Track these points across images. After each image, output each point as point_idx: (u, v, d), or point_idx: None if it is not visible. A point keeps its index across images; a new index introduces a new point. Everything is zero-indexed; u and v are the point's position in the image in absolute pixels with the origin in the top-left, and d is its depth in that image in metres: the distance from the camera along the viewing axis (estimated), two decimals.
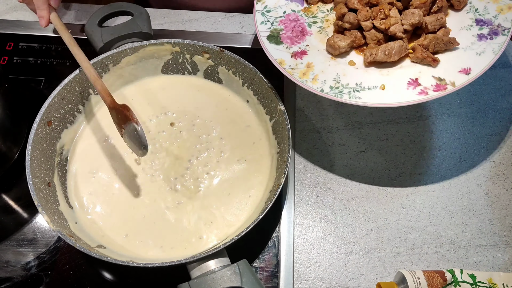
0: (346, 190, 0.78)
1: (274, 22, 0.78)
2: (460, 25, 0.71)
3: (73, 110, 0.77)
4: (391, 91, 0.68)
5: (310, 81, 0.71)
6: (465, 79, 0.65)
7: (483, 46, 0.67)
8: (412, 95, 0.67)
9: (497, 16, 0.68)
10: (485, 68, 0.65)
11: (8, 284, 0.68)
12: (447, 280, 0.66)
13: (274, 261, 0.71)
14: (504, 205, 0.77)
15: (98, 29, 0.80)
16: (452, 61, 0.68)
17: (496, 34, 0.67)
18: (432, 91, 0.66)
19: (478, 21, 0.70)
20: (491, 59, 0.65)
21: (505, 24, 0.67)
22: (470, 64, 0.66)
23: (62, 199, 0.70)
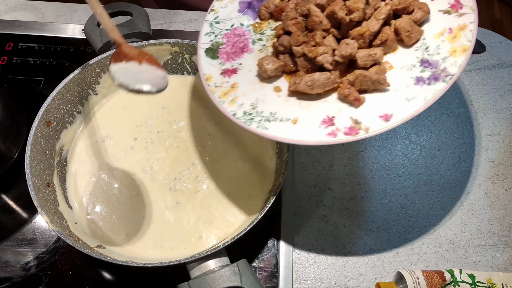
0: (346, 190, 0.78)
1: (219, 34, 0.74)
2: (403, 63, 0.62)
3: (73, 110, 0.77)
4: (301, 126, 0.62)
5: (227, 103, 0.67)
6: (381, 127, 0.58)
7: (416, 92, 0.58)
8: (320, 135, 0.60)
9: (446, 59, 0.58)
10: (407, 117, 0.57)
11: (7, 284, 0.68)
12: (446, 280, 0.66)
13: (274, 261, 0.71)
14: (503, 205, 0.78)
15: (97, 29, 0.80)
16: (377, 103, 0.60)
17: (436, 79, 0.58)
18: (342, 133, 0.59)
19: (423, 62, 0.60)
20: (417, 108, 0.57)
21: (451, 69, 0.57)
22: (394, 110, 0.58)
23: (61, 199, 0.70)
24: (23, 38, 0.93)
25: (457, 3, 0.60)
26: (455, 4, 0.60)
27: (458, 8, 0.60)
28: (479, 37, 0.96)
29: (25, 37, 0.93)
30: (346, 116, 0.61)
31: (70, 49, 0.92)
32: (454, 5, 0.60)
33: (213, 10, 0.76)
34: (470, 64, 0.93)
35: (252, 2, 0.75)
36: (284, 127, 0.63)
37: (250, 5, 0.75)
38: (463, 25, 0.59)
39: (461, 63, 0.57)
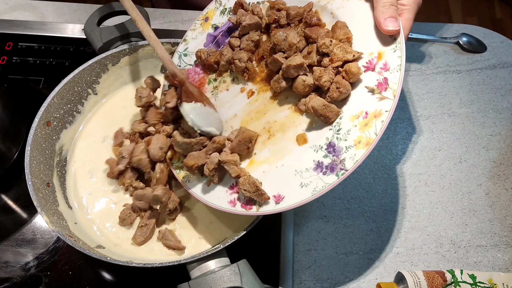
0: (347, 190, 0.78)
1: (184, 68, 0.74)
2: (316, 141, 0.60)
3: (72, 110, 0.77)
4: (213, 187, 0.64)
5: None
6: (270, 209, 0.58)
7: (311, 179, 0.57)
8: (222, 201, 0.62)
9: (349, 149, 0.56)
10: (292, 205, 0.57)
11: (7, 284, 0.68)
12: (447, 280, 0.66)
13: (274, 261, 0.71)
14: (504, 205, 0.77)
15: (97, 28, 0.80)
16: (278, 179, 0.60)
17: (332, 170, 0.56)
18: (239, 205, 0.61)
19: (330, 146, 0.58)
20: (304, 198, 0.57)
21: (347, 163, 0.55)
22: (286, 193, 0.58)
23: (61, 199, 0.70)
24: (23, 38, 0.93)
25: (384, 83, 0.56)
26: (382, 83, 0.57)
27: (383, 89, 0.56)
28: (480, 36, 0.96)
29: (25, 37, 0.93)
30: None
31: (70, 49, 0.92)
32: (381, 83, 0.57)
33: (185, 40, 0.76)
34: (471, 64, 0.93)
35: (217, 37, 0.73)
36: (201, 184, 0.65)
37: (215, 40, 0.74)
38: (379, 112, 0.56)
39: (358, 159, 0.55)
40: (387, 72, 0.56)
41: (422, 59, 0.93)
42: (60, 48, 0.92)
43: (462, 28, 0.98)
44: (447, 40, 0.95)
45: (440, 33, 0.97)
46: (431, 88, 0.90)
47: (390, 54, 0.57)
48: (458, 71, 0.92)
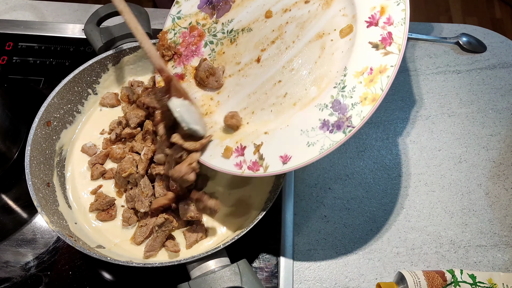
0: (346, 190, 0.78)
1: (178, 32, 0.73)
2: (320, 100, 0.60)
3: (73, 110, 0.77)
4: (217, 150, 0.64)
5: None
6: (277, 169, 0.59)
7: (318, 138, 0.57)
8: (228, 164, 0.63)
9: (355, 105, 0.56)
10: (301, 164, 0.57)
11: (7, 284, 0.68)
12: (447, 280, 0.66)
13: (274, 261, 0.71)
14: (504, 205, 0.77)
15: (98, 29, 0.80)
16: (284, 139, 0.60)
17: (338, 128, 0.56)
18: (247, 168, 0.61)
19: (336, 103, 0.58)
20: (312, 157, 0.57)
21: (354, 120, 0.56)
22: (293, 153, 0.58)
23: (61, 199, 0.70)
24: (23, 38, 0.93)
25: (388, 37, 0.57)
26: (386, 38, 0.57)
27: (387, 44, 0.57)
28: (480, 36, 0.96)
29: (25, 36, 0.93)
30: (255, 148, 0.61)
31: (70, 49, 0.92)
32: (385, 38, 0.57)
33: (178, 2, 0.74)
34: (471, 64, 0.93)
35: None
36: (208, 151, 0.65)
37: (209, 0, 0.73)
38: (384, 68, 0.56)
39: (365, 115, 0.55)
40: (391, 27, 0.56)
41: (422, 59, 0.93)
42: (60, 48, 0.92)
43: (462, 28, 0.98)
44: (447, 40, 0.95)
45: (440, 33, 0.97)
46: (431, 88, 0.90)
47: (394, 8, 0.57)
48: (458, 71, 0.92)
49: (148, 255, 0.66)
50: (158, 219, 0.65)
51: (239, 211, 0.71)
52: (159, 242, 0.66)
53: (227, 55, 0.71)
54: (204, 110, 0.69)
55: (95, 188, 0.72)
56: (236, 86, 0.69)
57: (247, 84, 0.68)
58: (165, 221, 0.64)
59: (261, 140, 0.62)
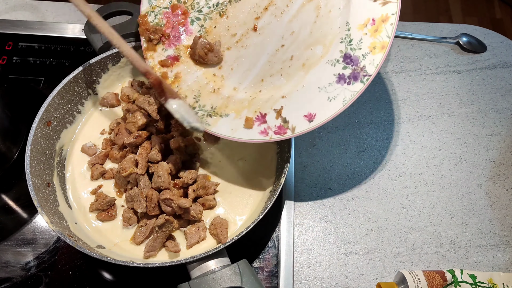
0: (346, 190, 0.78)
1: (158, 14, 0.71)
2: (329, 56, 0.62)
3: (73, 110, 0.77)
4: (239, 122, 0.64)
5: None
6: (305, 127, 0.60)
7: (337, 91, 0.60)
8: (253, 133, 0.63)
9: (366, 56, 0.59)
10: (327, 119, 0.59)
11: (7, 284, 0.68)
12: (447, 280, 0.66)
13: (274, 261, 0.71)
14: (504, 205, 0.77)
15: None
16: (304, 100, 0.62)
17: (355, 79, 0.59)
18: (273, 133, 0.62)
19: (346, 57, 0.60)
20: (336, 110, 0.59)
21: (369, 69, 0.58)
22: (317, 110, 0.60)
23: (61, 199, 0.70)
24: (23, 38, 0.93)
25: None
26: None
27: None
28: (480, 36, 0.96)
29: (25, 36, 0.93)
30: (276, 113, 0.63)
31: (70, 49, 0.92)
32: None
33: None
34: (471, 64, 0.93)
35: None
36: (224, 122, 0.65)
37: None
38: (385, 17, 0.58)
39: (378, 62, 0.58)
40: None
41: (422, 59, 0.93)
42: (60, 48, 0.92)
43: (462, 28, 0.98)
44: (447, 40, 0.95)
45: (440, 33, 0.97)
46: (431, 88, 0.90)
47: None
48: (458, 71, 0.92)
49: (148, 255, 0.66)
50: (159, 220, 0.65)
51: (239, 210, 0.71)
52: (159, 243, 0.66)
53: (219, 29, 0.70)
54: (211, 87, 0.69)
55: (95, 188, 0.72)
56: (238, 58, 0.68)
57: (248, 54, 0.67)
58: (166, 222, 0.64)
59: (280, 104, 0.63)
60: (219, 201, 0.71)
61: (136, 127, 0.72)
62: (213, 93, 0.68)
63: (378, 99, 0.88)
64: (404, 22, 0.98)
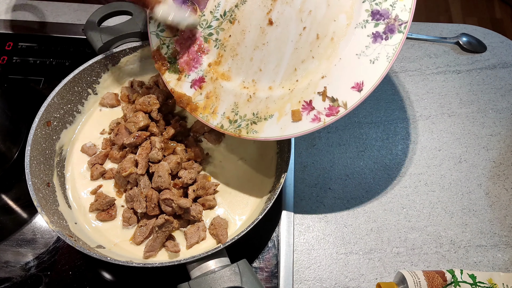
0: (346, 190, 0.78)
1: (170, 44, 0.71)
2: (356, 20, 0.59)
3: (73, 110, 0.77)
4: (287, 119, 0.63)
5: (210, 116, 0.67)
6: (357, 98, 0.58)
7: (378, 51, 0.57)
8: (304, 124, 0.61)
9: (395, 4, 0.57)
10: (377, 81, 0.57)
11: (7, 284, 0.68)
12: (447, 280, 0.66)
13: (274, 261, 0.71)
14: (504, 205, 0.77)
15: (97, 29, 0.80)
16: (346, 73, 0.60)
17: (392, 31, 0.57)
18: (325, 116, 0.60)
19: (374, 14, 0.58)
20: (384, 68, 0.56)
21: (403, 16, 0.56)
22: (363, 77, 0.58)
23: (61, 199, 0.70)
24: (23, 38, 0.93)
25: None
26: None
27: None
28: (480, 36, 0.96)
29: (25, 36, 0.93)
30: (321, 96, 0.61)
31: (70, 49, 0.92)
32: None
33: (152, 18, 0.72)
34: (471, 64, 0.93)
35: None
36: (271, 125, 0.64)
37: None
38: None
39: (410, 6, 0.56)
40: None
41: (422, 59, 0.93)
42: (60, 48, 0.92)
43: (462, 28, 0.98)
44: (447, 40, 0.95)
45: (440, 33, 0.97)
46: (431, 88, 0.90)
47: None
48: (458, 71, 0.92)
49: (148, 255, 0.66)
50: (159, 220, 0.65)
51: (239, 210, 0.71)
52: (159, 243, 0.66)
53: (234, 36, 0.69)
54: (246, 95, 0.67)
55: (95, 188, 0.72)
56: (264, 57, 0.67)
57: (272, 49, 0.66)
58: (166, 222, 0.65)
59: (323, 85, 0.61)
60: (219, 201, 0.71)
61: (137, 127, 0.72)
62: (249, 100, 0.67)
63: (378, 99, 0.88)
64: None
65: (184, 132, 0.76)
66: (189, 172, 0.70)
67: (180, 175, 0.70)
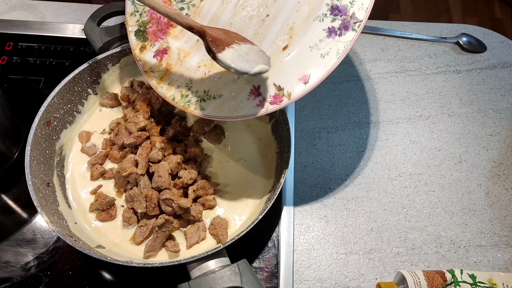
0: (346, 190, 0.78)
1: (143, 12, 0.71)
2: (316, 13, 0.60)
3: (73, 110, 0.77)
4: (234, 100, 0.64)
5: (165, 87, 0.68)
6: (301, 90, 0.58)
7: (329, 46, 0.58)
8: (250, 108, 0.62)
9: (354, 2, 0.57)
10: (323, 76, 0.57)
11: (7, 284, 0.68)
12: (447, 280, 0.66)
13: (274, 261, 0.71)
14: (504, 205, 0.77)
15: (97, 28, 0.80)
16: (296, 63, 0.60)
17: (346, 28, 0.57)
18: (269, 103, 0.61)
19: (334, 9, 0.59)
20: (331, 64, 0.57)
21: (359, 15, 0.57)
22: (310, 70, 0.59)
23: (61, 199, 0.70)
24: (23, 38, 0.93)
25: None
26: None
27: None
28: (480, 36, 0.96)
29: (25, 37, 0.93)
30: (269, 82, 0.61)
31: (70, 49, 0.92)
32: None
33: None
34: (471, 64, 0.93)
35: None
36: (218, 104, 0.64)
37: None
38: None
39: (368, 5, 0.56)
40: None
41: (422, 59, 0.93)
42: (60, 48, 0.92)
43: (462, 28, 0.98)
44: (447, 40, 0.95)
45: (440, 33, 0.97)
46: (431, 88, 0.90)
47: None
48: (458, 71, 0.92)
49: (148, 255, 0.66)
50: (159, 220, 0.65)
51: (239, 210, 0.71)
52: (159, 243, 0.66)
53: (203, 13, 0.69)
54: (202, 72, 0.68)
55: (95, 188, 0.72)
56: None
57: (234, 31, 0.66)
58: (166, 222, 0.65)
59: (272, 73, 0.61)
60: (219, 201, 0.72)
61: (137, 128, 0.72)
62: (203, 78, 0.68)
63: (378, 99, 0.88)
64: (404, 22, 0.98)
65: (184, 132, 0.76)
66: (189, 172, 0.70)
67: (180, 175, 0.70)
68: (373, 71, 0.91)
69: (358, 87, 0.89)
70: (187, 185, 0.70)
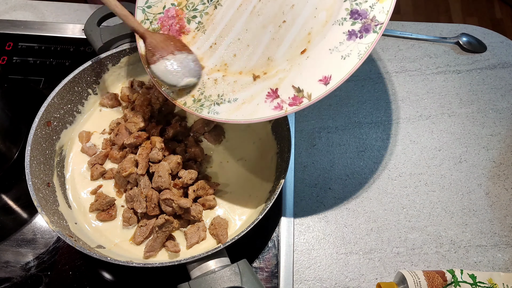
0: (346, 190, 0.78)
1: (153, 20, 0.72)
2: (334, 17, 0.61)
3: (73, 110, 0.77)
4: (250, 104, 0.63)
5: (176, 93, 0.68)
6: (322, 91, 0.58)
7: (350, 48, 0.58)
8: (267, 111, 0.62)
9: (374, 6, 0.58)
10: (345, 77, 0.57)
11: (7, 284, 0.68)
12: (447, 280, 0.66)
13: (274, 261, 0.71)
14: (504, 205, 0.77)
15: (97, 28, 0.80)
16: (316, 65, 0.61)
17: (367, 31, 0.58)
18: (288, 105, 0.61)
19: (353, 13, 0.59)
20: (353, 65, 0.57)
21: (380, 17, 0.58)
22: (331, 71, 0.59)
23: (61, 199, 0.70)
24: (23, 38, 0.93)
25: None
26: None
27: None
28: (480, 36, 0.96)
29: (25, 36, 0.93)
30: (288, 84, 0.61)
31: (70, 49, 0.92)
32: None
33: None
34: (471, 64, 0.93)
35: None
36: (233, 108, 0.64)
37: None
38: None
39: (388, 8, 0.57)
40: None
41: (422, 59, 0.93)
42: (60, 48, 0.92)
43: (462, 28, 0.98)
44: (447, 40, 0.95)
45: (440, 33, 0.97)
46: (431, 88, 0.90)
47: None
48: (458, 71, 0.92)
49: (148, 255, 0.66)
50: (159, 220, 0.65)
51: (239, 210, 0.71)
52: (159, 243, 0.66)
53: (216, 21, 0.69)
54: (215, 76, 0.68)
55: (95, 188, 0.72)
56: (240, 44, 0.67)
57: (250, 37, 0.67)
58: (166, 222, 0.65)
59: (291, 76, 0.62)
60: (219, 201, 0.72)
61: (137, 128, 0.73)
62: (216, 82, 0.67)
63: (378, 99, 0.88)
64: (404, 22, 0.98)
65: (184, 132, 0.76)
66: (189, 172, 0.70)
67: (180, 175, 0.70)
68: (373, 71, 0.91)
69: (358, 87, 0.89)
70: (187, 185, 0.70)
